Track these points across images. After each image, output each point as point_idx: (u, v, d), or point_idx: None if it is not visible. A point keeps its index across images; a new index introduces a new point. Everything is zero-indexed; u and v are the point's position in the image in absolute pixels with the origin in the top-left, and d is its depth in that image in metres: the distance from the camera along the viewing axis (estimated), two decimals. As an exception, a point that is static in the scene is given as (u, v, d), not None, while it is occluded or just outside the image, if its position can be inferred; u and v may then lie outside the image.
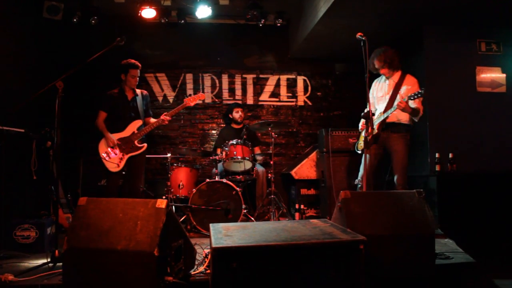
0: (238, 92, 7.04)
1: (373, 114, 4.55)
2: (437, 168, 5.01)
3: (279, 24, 6.61)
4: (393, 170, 4.30)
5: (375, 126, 4.31)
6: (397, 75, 4.40)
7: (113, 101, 4.56)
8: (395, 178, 4.28)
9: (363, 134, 4.55)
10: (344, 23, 5.34)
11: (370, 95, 4.65)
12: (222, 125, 6.84)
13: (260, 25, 6.49)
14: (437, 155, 5.03)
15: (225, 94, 7.01)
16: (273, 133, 5.33)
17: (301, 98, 7.18)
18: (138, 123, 4.59)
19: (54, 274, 2.97)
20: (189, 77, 6.94)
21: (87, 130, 4.67)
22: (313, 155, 6.13)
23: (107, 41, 3.96)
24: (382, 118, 4.28)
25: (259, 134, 6.49)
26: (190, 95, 4.85)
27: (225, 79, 7.03)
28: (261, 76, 7.11)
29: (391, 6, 4.80)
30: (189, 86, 6.92)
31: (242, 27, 6.84)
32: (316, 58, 7.04)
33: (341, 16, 5.13)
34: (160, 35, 6.77)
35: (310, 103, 7.19)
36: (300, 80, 7.19)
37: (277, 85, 7.14)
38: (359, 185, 4.38)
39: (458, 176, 4.97)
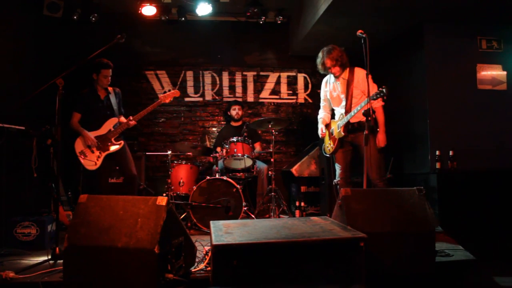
0: (239, 89, 7.04)
1: (333, 117, 4.58)
2: (438, 165, 5.01)
3: (279, 22, 6.61)
4: (368, 169, 4.04)
5: (340, 129, 4.24)
6: (346, 73, 4.32)
7: (86, 101, 4.53)
8: (371, 174, 4.10)
9: (326, 138, 4.53)
10: (344, 20, 5.33)
11: (323, 97, 4.63)
12: (222, 123, 6.86)
13: (261, 22, 6.50)
14: (437, 152, 5.02)
15: (226, 92, 7.01)
16: (273, 131, 5.33)
17: (302, 96, 7.18)
18: (113, 121, 4.57)
19: (55, 271, 2.97)
20: (189, 74, 6.94)
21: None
22: (314, 153, 6.13)
23: (108, 39, 3.96)
24: (345, 120, 4.18)
25: (260, 132, 6.49)
26: (165, 92, 4.82)
27: (225, 76, 7.03)
28: (261, 73, 7.11)
29: (392, 3, 4.79)
30: (190, 83, 6.93)
31: (242, 25, 6.83)
32: (317, 55, 7.01)
33: (341, 13, 5.12)
34: (161, 32, 6.77)
35: (310, 101, 7.19)
36: (300, 77, 7.19)
37: (278, 82, 7.13)
38: (338, 186, 4.38)
39: (458, 173, 4.96)
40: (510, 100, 5.34)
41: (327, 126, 4.54)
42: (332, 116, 4.66)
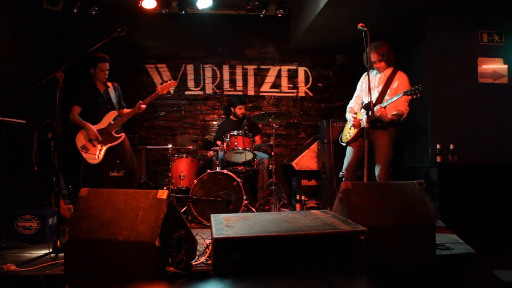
0: (239, 83, 7.02)
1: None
2: (438, 159, 5.01)
3: (280, 15, 6.58)
4: (375, 164, 4.22)
5: (364, 119, 4.27)
6: (389, 70, 4.37)
7: (86, 95, 4.53)
8: (377, 172, 4.20)
9: (348, 126, 4.54)
10: (345, 13, 5.31)
11: (359, 87, 4.66)
12: (222, 116, 6.85)
13: (261, 15, 6.47)
14: (438, 146, 5.02)
15: (226, 85, 6.99)
16: (274, 124, 5.32)
17: (302, 89, 7.16)
18: (113, 114, 4.57)
19: (56, 265, 2.99)
20: (190, 68, 6.92)
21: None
22: (314, 146, 6.13)
23: (108, 32, 3.96)
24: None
25: (260, 125, 6.49)
26: (161, 83, 4.81)
27: (226, 70, 7.01)
28: (262, 67, 7.09)
29: (393, -4, 4.79)
30: (190, 77, 6.91)
31: (243, 18, 6.80)
32: (317, 49, 7.01)
33: (342, 6, 5.10)
34: (161, 25, 6.74)
35: (311, 94, 7.17)
36: (301, 71, 7.17)
37: (278, 76, 7.12)
38: (344, 178, 4.39)
39: (459, 167, 4.97)
40: (511, 93, 5.33)
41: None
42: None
